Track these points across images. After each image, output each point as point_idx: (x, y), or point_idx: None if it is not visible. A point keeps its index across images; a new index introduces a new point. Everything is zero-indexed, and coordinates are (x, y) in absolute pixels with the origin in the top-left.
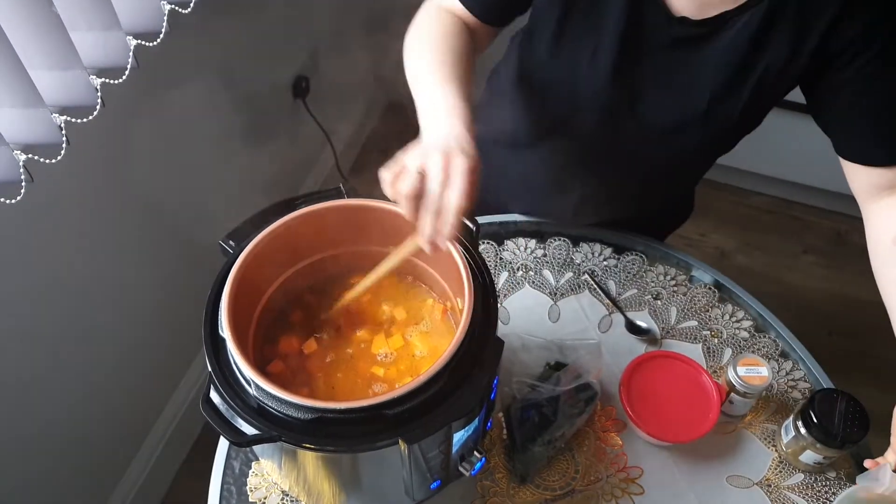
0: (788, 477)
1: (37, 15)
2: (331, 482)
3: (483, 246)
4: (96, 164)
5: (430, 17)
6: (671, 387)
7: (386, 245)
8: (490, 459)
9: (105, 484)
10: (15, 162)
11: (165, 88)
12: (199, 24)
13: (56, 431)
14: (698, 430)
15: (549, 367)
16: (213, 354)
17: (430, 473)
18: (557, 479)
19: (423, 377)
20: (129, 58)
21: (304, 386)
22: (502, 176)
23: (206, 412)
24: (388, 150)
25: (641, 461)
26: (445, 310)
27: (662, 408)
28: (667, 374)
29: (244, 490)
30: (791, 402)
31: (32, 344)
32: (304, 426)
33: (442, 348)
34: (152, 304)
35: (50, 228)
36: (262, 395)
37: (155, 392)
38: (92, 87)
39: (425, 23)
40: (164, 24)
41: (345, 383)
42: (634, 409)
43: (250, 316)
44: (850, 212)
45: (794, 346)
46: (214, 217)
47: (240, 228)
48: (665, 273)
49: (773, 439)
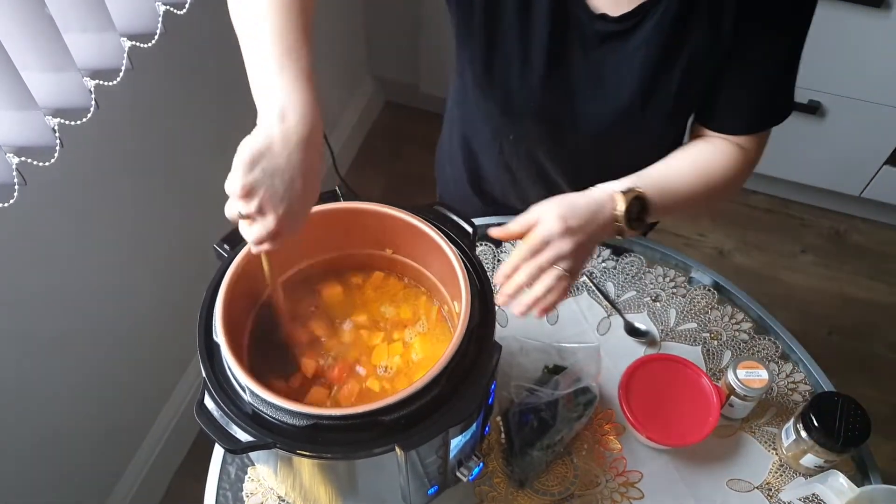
0: (789, 480)
1: (30, 16)
2: (327, 488)
3: (480, 248)
4: (90, 166)
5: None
6: (670, 390)
7: (383, 248)
8: (488, 464)
9: (101, 488)
10: (8, 165)
11: (160, 90)
12: (194, 25)
13: (52, 435)
14: (698, 434)
15: (547, 370)
16: (208, 360)
17: (427, 479)
18: (556, 484)
19: (419, 382)
20: (123, 59)
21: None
22: (497, 179)
23: (201, 419)
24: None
25: (641, 465)
26: (442, 313)
27: (662, 411)
28: (666, 377)
29: (240, 496)
30: (791, 404)
31: (27, 347)
32: (300, 433)
33: (439, 353)
34: (147, 308)
35: (43, 232)
36: (257, 401)
37: (151, 396)
38: (86, 89)
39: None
40: (158, 25)
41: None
42: (633, 413)
43: (245, 321)
44: (848, 211)
45: (795, 349)
46: (209, 220)
47: (235, 232)
48: (664, 275)
49: (773, 443)
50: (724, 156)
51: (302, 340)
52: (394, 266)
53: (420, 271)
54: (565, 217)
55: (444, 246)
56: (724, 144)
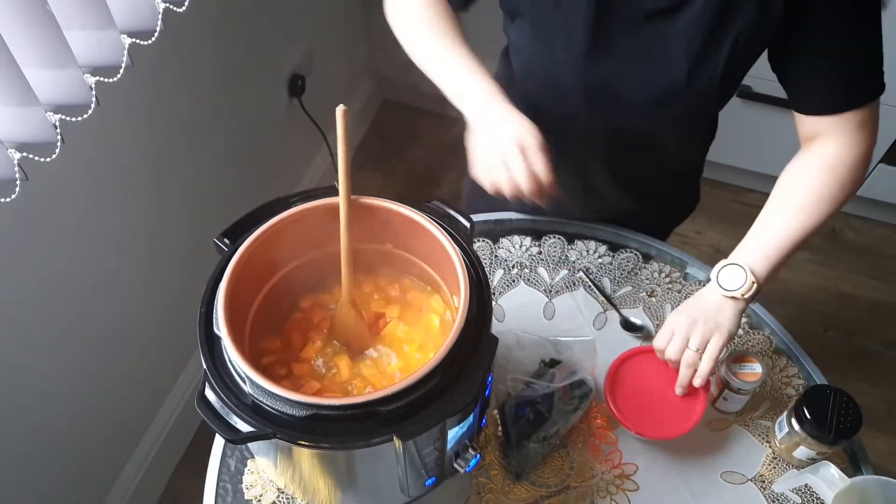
0: (782, 473)
1: (31, 13)
2: (326, 479)
3: (478, 244)
4: (91, 162)
5: None
6: (657, 382)
7: (383, 242)
8: (485, 456)
9: (102, 481)
10: (9, 160)
11: (160, 87)
12: (193, 22)
13: (53, 430)
14: (684, 426)
15: (543, 364)
16: (209, 352)
17: (425, 470)
18: (552, 476)
19: (417, 374)
20: (123, 56)
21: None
22: None
23: (201, 409)
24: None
25: (636, 457)
26: (440, 307)
27: (648, 403)
28: (652, 368)
29: (240, 488)
30: (785, 398)
31: (27, 342)
32: (299, 423)
33: (437, 345)
34: (148, 302)
35: (44, 227)
36: (258, 391)
37: (151, 390)
38: (86, 85)
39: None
40: (158, 22)
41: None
42: (619, 407)
43: (246, 313)
44: (844, 209)
45: (789, 343)
46: (210, 214)
47: (235, 226)
48: (660, 270)
49: (767, 435)
50: (832, 157)
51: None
52: (393, 260)
53: (419, 265)
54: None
55: (444, 240)
56: (828, 146)
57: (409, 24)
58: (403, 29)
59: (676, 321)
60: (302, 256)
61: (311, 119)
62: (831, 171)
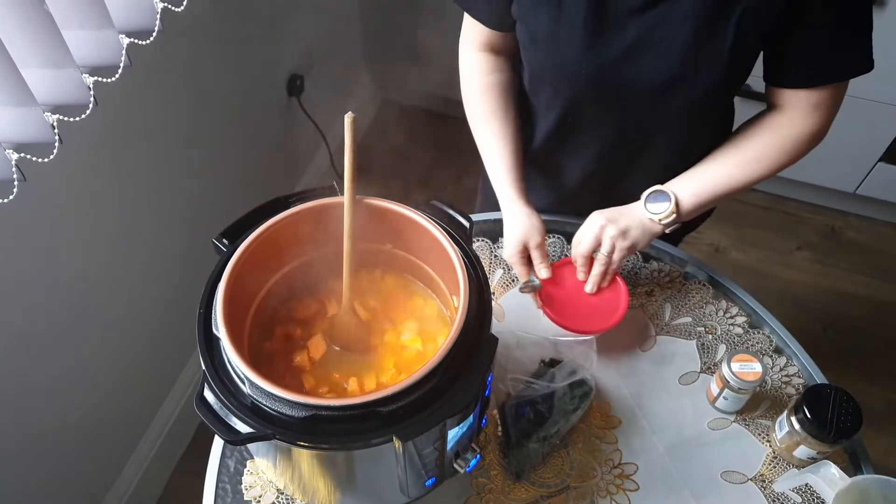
0: (782, 472)
1: (29, 13)
2: (325, 480)
3: (478, 243)
4: (89, 163)
5: (472, 83)
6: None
7: (382, 242)
8: (485, 456)
9: (101, 482)
10: (7, 161)
11: (158, 87)
12: (192, 22)
13: (52, 430)
14: (608, 322)
15: (543, 363)
16: (207, 353)
17: (424, 471)
18: (552, 476)
19: (417, 374)
20: (121, 56)
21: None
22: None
23: (200, 410)
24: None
25: (636, 457)
26: (440, 306)
27: (577, 303)
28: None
29: (239, 489)
30: (785, 397)
31: (26, 343)
32: (299, 424)
33: (436, 345)
34: (147, 303)
35: (42, 228)
36: (257, 392)
37: (151, 391)
38: (84, 85)
39: (473, 94)
40: (156, 22)
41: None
42: (553, 307)
43: (245, 314)
44: (843, 208)
45: (789, 342)
46: (208, 215)
47: (234, 226)
48: (659, 269)
49: (767, 435)
50: (784, 128)
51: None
52: (393, 260)
53: (419, 265)
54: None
55: (443, 240)
56: (783, 116)
57: (470, 113)
58: (468, 115)
59: (593, 222)
60: (301, 257)
61: (311, 119)
62: (780, 139)
